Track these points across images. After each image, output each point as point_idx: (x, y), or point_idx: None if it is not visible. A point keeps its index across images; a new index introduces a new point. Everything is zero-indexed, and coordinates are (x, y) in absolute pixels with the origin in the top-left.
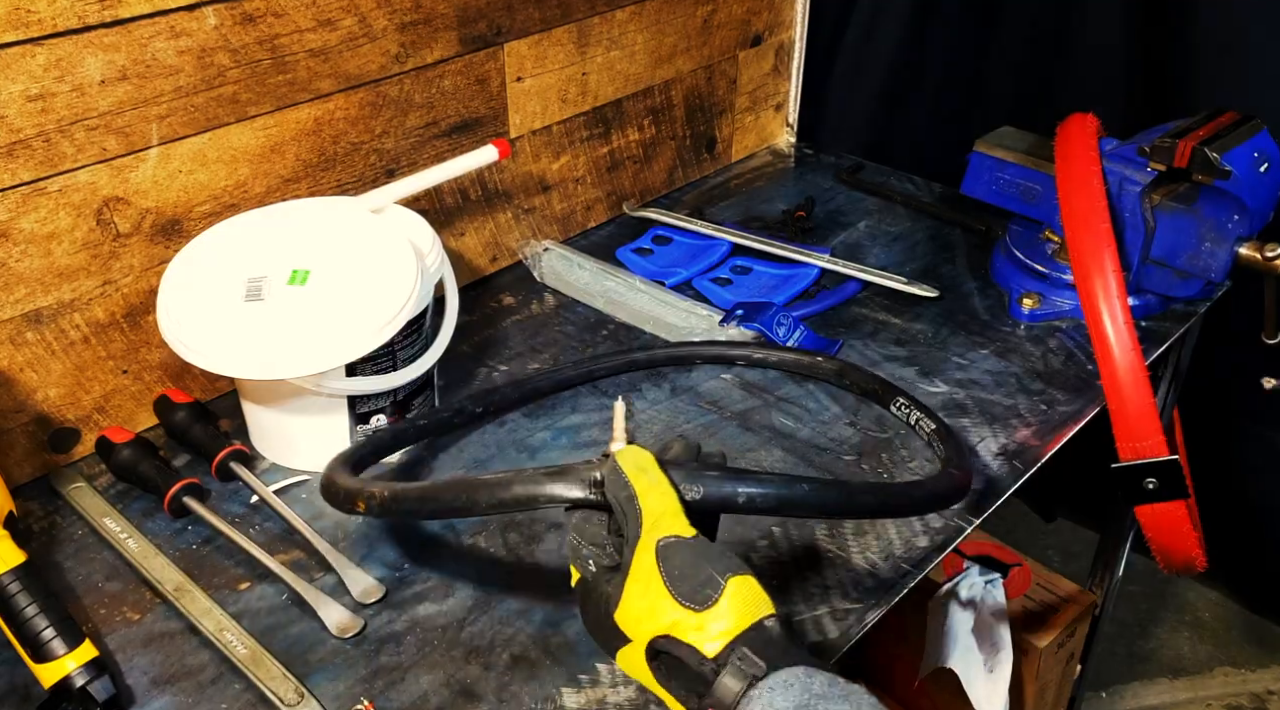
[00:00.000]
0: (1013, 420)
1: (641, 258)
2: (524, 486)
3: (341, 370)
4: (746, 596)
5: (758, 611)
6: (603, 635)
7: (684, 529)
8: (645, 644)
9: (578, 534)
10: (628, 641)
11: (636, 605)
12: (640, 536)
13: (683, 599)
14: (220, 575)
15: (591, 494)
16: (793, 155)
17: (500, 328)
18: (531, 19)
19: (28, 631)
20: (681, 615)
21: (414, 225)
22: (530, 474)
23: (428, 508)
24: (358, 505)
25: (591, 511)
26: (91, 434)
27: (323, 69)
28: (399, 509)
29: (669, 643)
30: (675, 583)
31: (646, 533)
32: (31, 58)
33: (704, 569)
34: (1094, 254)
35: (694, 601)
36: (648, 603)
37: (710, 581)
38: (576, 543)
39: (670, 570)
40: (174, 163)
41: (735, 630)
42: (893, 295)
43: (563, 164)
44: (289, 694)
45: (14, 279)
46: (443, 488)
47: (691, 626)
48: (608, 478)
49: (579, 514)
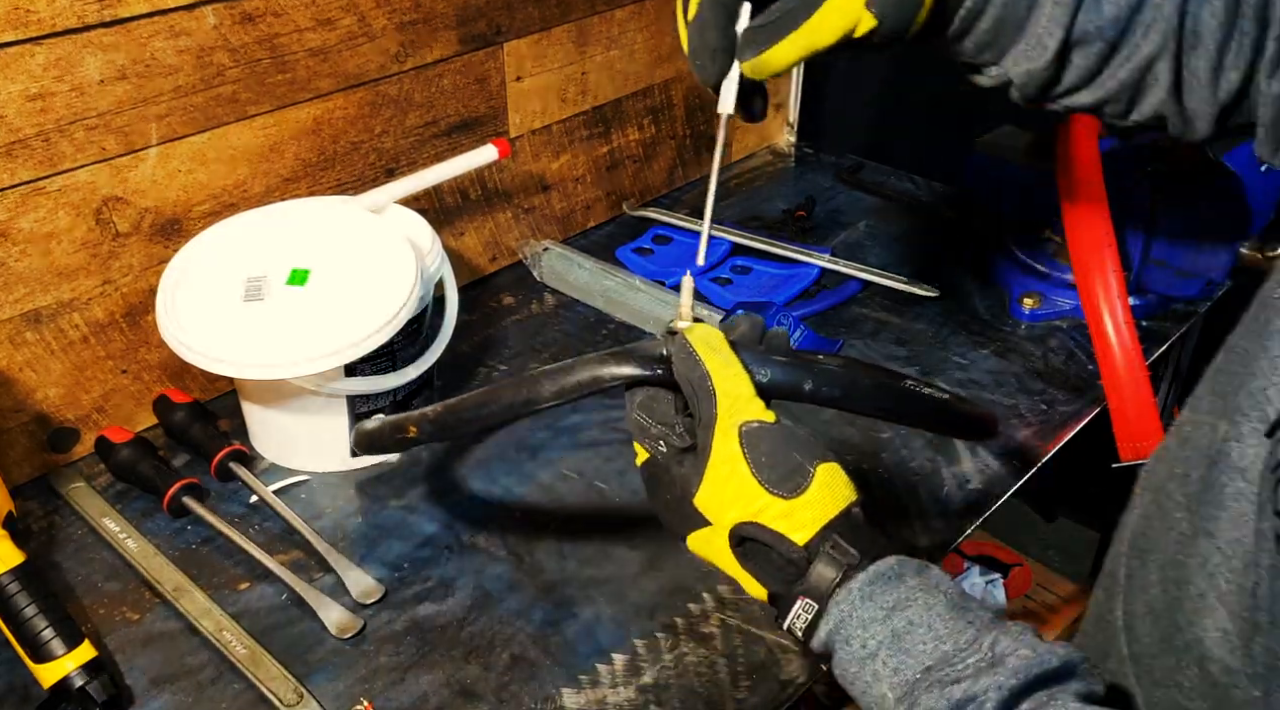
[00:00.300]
0: (1013, 420)
1: (641, 257)
2: (587, 370)
3: (341, 370)
4: (834, 484)
5: (845, 499)
6: (676, 518)
7: (764, 414)
8: (729, 529)
9: (644, 413)
10: (706, 525)
11: (720, 491)
12: (717, 419)
13: (770, 486)
14: (220, 575)
15: (659, 370)
16: (793, 155)
17: (500, 327)
18: (531, 18)
19: (27, 631)
20: (769, 502)
21: (414, 225)
22: (591, 357)
23: (487, 412)
24: (409, 431)
25: (659, 390)
26: (91, 434)
27: (322, 68)
28: (456, 421)
29: (756, 529)
30: (762, 469)
31: (724, 415)
32: (31, 57)
33: (791, 456)
34: (1094, 254)
35: (783, 489)
36: (733, 489)
37: (799, 469)
38: (645, 422)
39: (756, 457)
40: (173, 162)
41: (825, 518)
42: (893, 295)
43: (562, 163)
44: (288, 694)
45: (13, 279)
46: (500, 388)
47: (780, 514)
48: (676, 355)
49: (644, 392)
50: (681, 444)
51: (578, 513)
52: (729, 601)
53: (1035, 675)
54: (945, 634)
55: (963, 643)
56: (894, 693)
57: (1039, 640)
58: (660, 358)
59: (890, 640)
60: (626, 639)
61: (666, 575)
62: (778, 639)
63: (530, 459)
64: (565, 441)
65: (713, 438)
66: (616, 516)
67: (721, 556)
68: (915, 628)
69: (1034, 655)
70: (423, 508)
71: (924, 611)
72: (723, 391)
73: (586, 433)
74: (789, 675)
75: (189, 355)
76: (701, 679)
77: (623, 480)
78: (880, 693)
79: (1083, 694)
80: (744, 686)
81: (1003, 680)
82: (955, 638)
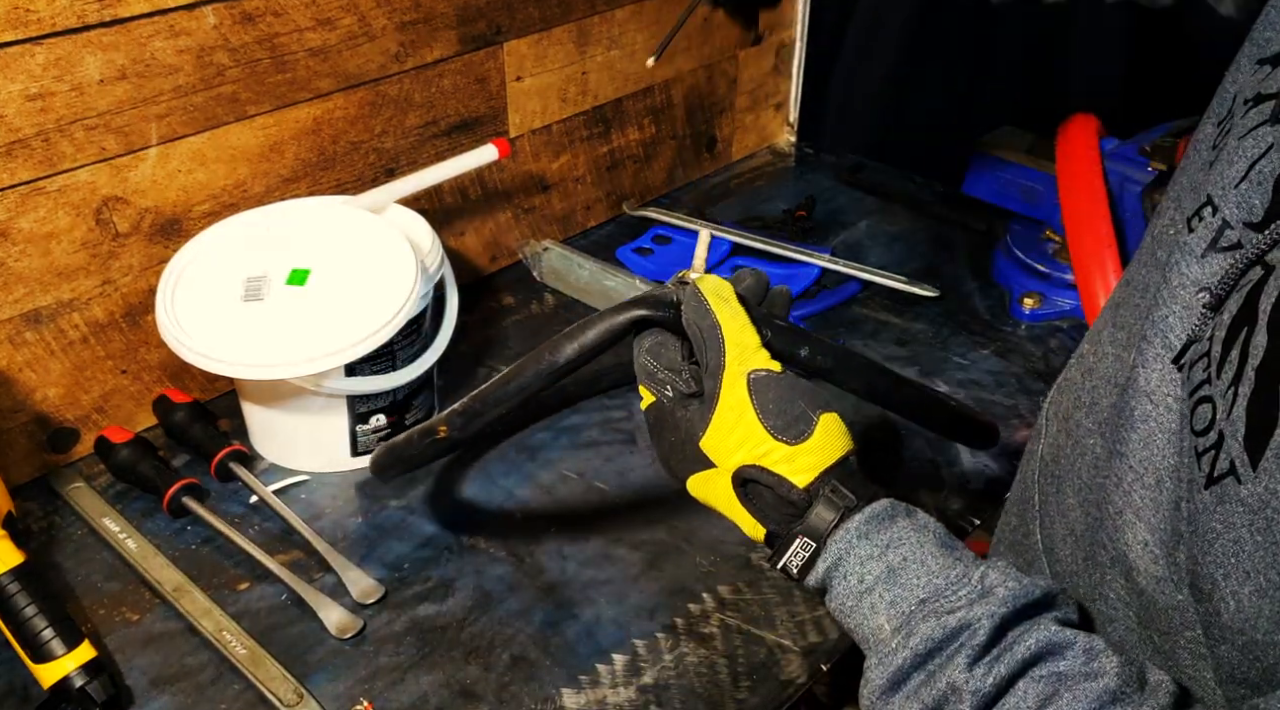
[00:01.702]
0: (1013, 420)
1: (641, 257)
2: (602, 321)
3: (341, 370)
4: (834, 432)
5: (843, 447)
6: (679, 460)
7: (771, 363)
8: (733, 471)
9: (652, 357)
10: (710, 467)
11: (728, 435)
12: (726, 366)
13: (776, 432)
14: (219, 575)
15: (670, 314)
16: (793, 155)
17: (500, 327)
18: (531, 18)
19: (27, 632)
20: (774, 447)
21: (414, 225)
22: (603, 312)
23: (515, 387)
24: (439, 431)
25: (667, 336)
26: (91, 434)
27: (322, 68)
28: (485, 406)
29: (759, 472)
30: (768, 416)
31: (733, 363)
32: (31, 57)
33: (796, 404)
34: (1094, 254)
35: (787, 435)
36: (740, 433)
37: (803, 417)
38: (652, 366)
39: (764, 403)
40: (173, 162)
41: (825, 463)
42: (893, 295)
43: (562, 163)
44: (288, 694)
45: (13, 278)
46: (521, 364)
47: (783, 458)
48: (687, 303)
49: (652, 337)
50: (687, 389)
51: (578, 513)
52: (729, 602)
53: (1022, 604)
54: (937, 569)
55: (954, 577)
56: (891, 623)
57: (1022, 575)
58: (671, 302)
59: (886, 575)
60: (627, 639)
61: (667, 576)
62: (778, 639)
63: (530, 460)
64: (565, 442)
65: (720, 384)
66: (617, 517)
67: (723, 497)
68: (909, 563)
69: (1020, 586)
70: (423, 508)
71: (916, 548)
72: (731, 340)
73: (586, 433)
74: (789, 675)
75: (189, 355)
76: (702, 679)
77: (623, 480)
78: (878, 624)
79: (1060, 620)
80: (744, 687)
81: (994, 609)
82: (946, 572)
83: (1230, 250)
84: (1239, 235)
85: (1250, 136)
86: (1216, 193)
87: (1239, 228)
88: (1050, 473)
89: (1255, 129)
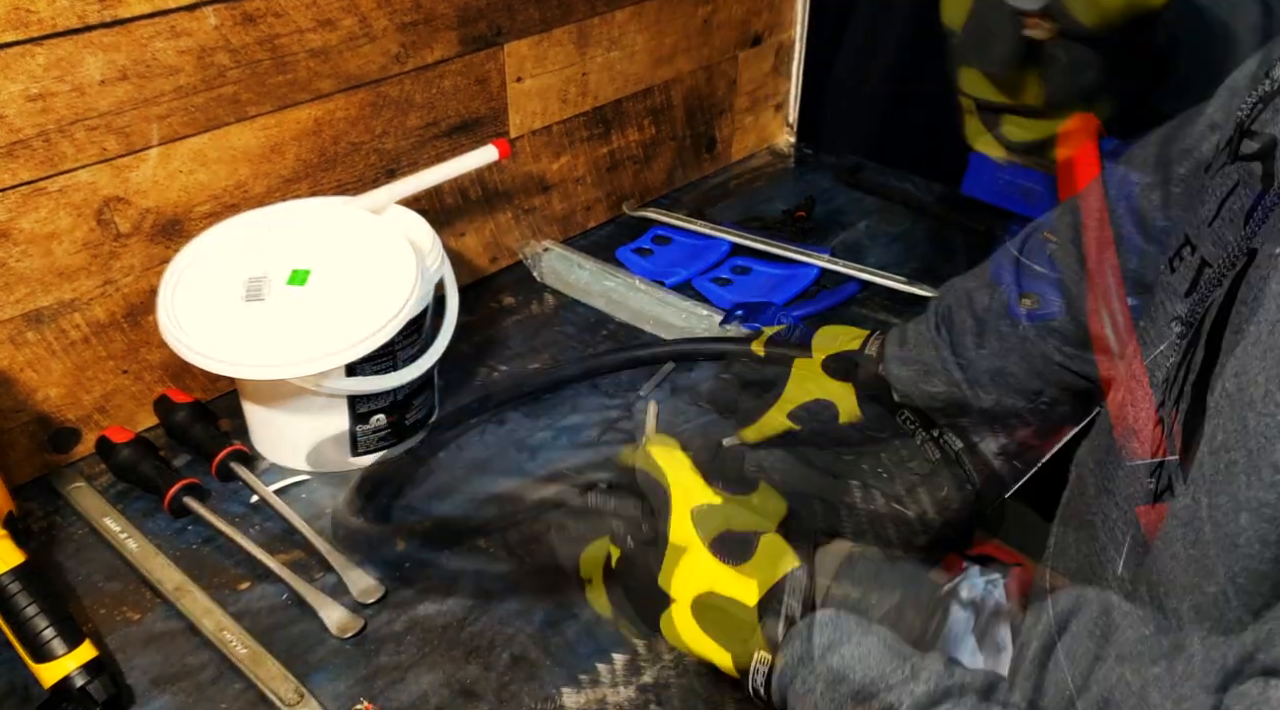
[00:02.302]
0: (1012, 420)
1: (641, 258)
2: (569, 484)
3: (341, 370)
4: (776, 552)
5: (786, 564)
6: (647, 603)
7: (713, 498)
8: (690, 602)
9: (617, 517)
10: (670, 603)
11: (679, 566)
12: (672, 506)
13: (721, 557)
14: (220, 575)
15: (625, 478)
16: (793, 155)
17: (500, 328)
18: (531, 19)
19: (28, 631)
20: (721, 571)
21: (414, 225)
22: (571, 474)
23: (474, 527)
24: (398, 543)
25: (628, 496)
26: (92, 434)
27: (323, 69)
28: (445, 539)
29: (712, 597)
30: (712, 543)
31: (678, 503)
32: (31, 57)
33: (738, 528)
34: (1094, 254)
35: (732, 558)
36: (688, 563)
37: (744, 540)
38: (615, 523)
39: (707, 533)
40: (174, 163)
41: (770, 581)
42: (893, 295)
43: (563, 164)
44: (289, 694)
45: (14, 279)
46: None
47: (731, 581)
48: (639, 464)
49: (615, 502)
50: (646, 538)
51: None
52: None
53: (946, 686)
54: (874, 664)
55: (889, 668)
56: None
57: (965, 669)
58: (628, 468)
59: (827, 674)
60: (626, 639)
61: None
62: None
63: (530, 459)
64: (565, 441)
65: (669, 522)
66: None
67: (688, 630)
68: (849, 662)
69: (948, 670)
70: (423, 508)
71: (856, 649)
72: (675, 482)
73: (586, 433)
74: None
75: (189, 355)
76: (702, 679)
77: None
78: None
79: (993, 701)
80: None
81: (915, 687)
82: (883, 666)
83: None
84: (1218, 274)
85: (1219, 174)
86: (1193, 232)
87: (1217, 267)
88: (1063, 516)
89: (1223, 168)
